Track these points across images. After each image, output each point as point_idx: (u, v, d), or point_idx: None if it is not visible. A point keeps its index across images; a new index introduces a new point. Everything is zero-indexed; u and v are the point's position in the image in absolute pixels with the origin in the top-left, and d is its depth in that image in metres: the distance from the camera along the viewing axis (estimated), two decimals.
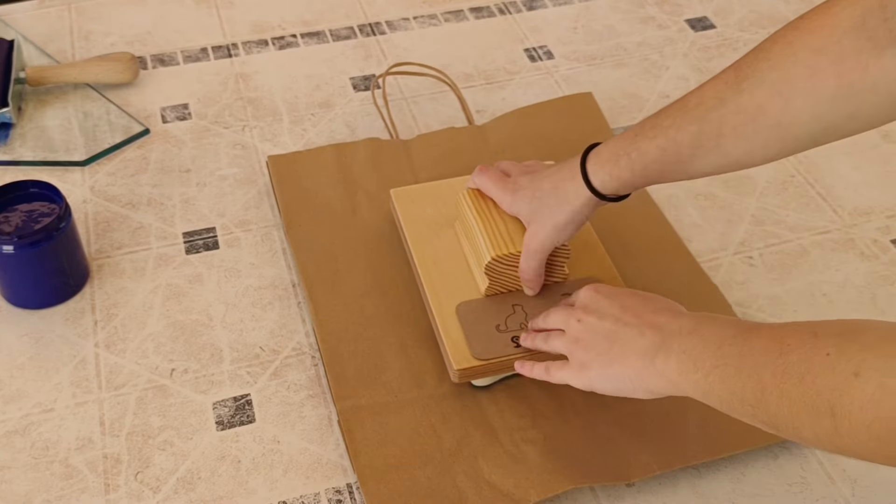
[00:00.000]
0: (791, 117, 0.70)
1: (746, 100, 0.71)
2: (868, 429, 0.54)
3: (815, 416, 0.56)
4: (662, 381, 0.69)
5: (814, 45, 0.68)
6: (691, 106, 0.74)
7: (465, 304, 0.87)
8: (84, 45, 1.23)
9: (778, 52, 0.70)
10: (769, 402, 0.60)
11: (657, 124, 0.76)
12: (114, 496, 0.78)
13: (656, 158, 0.75)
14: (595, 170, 0.79)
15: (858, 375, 0.54)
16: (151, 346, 0.89)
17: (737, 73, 0.72)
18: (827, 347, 0.57)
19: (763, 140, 0.72)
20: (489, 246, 0.86)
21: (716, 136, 0.73)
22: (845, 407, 0.54)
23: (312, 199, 1.01)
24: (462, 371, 0.82)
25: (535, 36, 1.27)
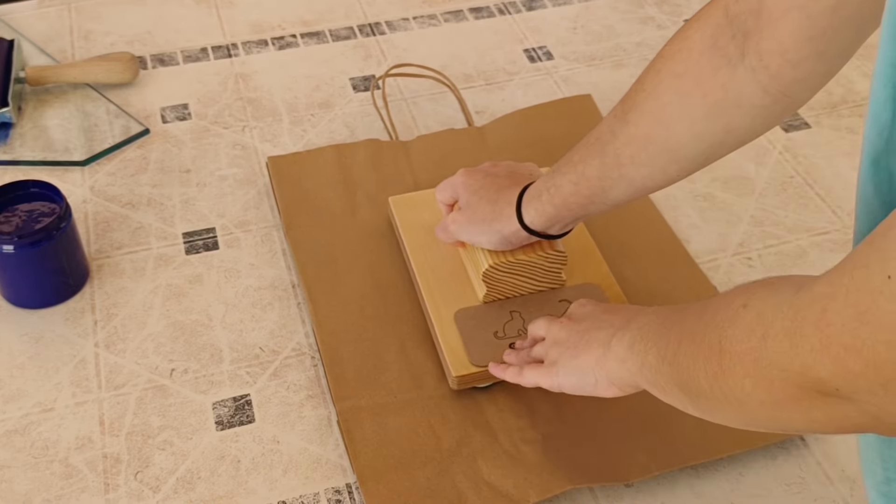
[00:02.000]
0: (675, 141, 0.73)
1: (633, 130, 0.75)
2: (741, 363, 0.53)
3: (709, 354, 0.56)
4: (614, 362, 0.70)
5: (677, 71, 0.71)
6: (592, 141, 0.78)
7: (464, 310, 0.87)
8: (84, 45, 1.23)
9: (649, 81, 0.74)
10: (680, 353, 0.60)
11: (569, 160, 0.80)
12: (113, 496, 0.78)
13: (572, 192, 0.79)
14: (525, 205, 0.83)
15: (746, 307, 0.54)
16: (151, 346, 0.89)
17: (623, 106, 0.76)
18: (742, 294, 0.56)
19: (659, 165, 0.75)
20: (487, 253, 0.87)
21: (617, 167, 0.76)
22: (728, 339, 0.54)
23: (312, 200, 1.01)
24: (461, 378, 0.83)
25: (534, 36, 1.28)
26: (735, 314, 0.55)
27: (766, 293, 0.54)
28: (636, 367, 0.67)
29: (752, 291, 0.55)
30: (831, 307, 0.47)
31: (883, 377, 0.45)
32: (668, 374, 0.62)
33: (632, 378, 0.69)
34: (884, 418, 0.47)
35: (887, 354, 0.44)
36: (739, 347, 0.53)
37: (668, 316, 0.66)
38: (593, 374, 0.72)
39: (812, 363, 0.48)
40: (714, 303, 0.59)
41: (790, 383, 0.50)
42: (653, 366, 0.64)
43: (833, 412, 0.49)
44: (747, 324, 0.53)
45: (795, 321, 0.49)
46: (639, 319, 0.70)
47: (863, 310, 0.45)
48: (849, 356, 0.46)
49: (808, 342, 0.48)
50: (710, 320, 0.57)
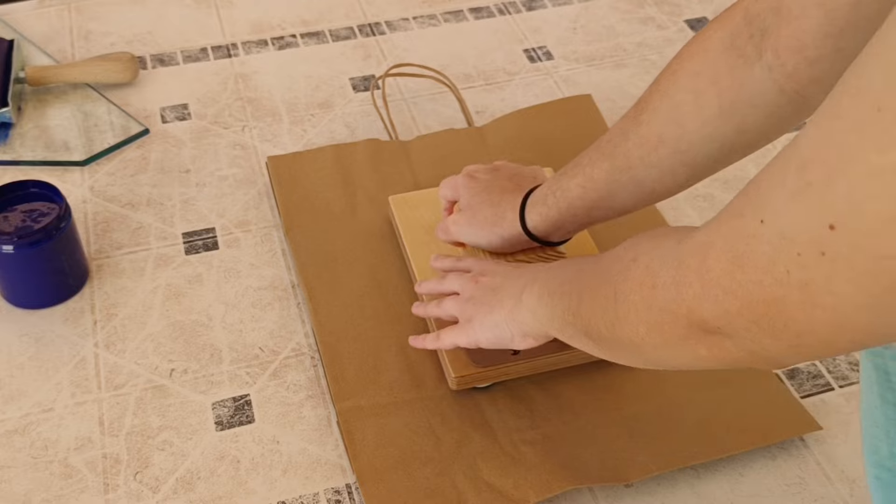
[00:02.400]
0: (687, 142, 0.73)
1: (645, 131, 0.75)
2: (636, 311, 0.58)
3: (605, 305, 0.61)
4: (526, 313, 0.73)
5: (693, 70, 0.72)
6: (603, 143, 0.79)
7: None
8: (84, 45, 1.23)
9: (665, 81, 0.74)
10: (582, 305, 0.65)
11: (577, 163, 0.80)
12: (113, 496, 0.78)
13: (579, 195, 0.79)
14: (530, 210, 0.83)
15: (635, 260, 0.59)
16: (151, 347, 0.89)
17: (636, 108, 0.77)
18: (631, 248, 0.61)
19: (669, 166, 0.75)
20: (486, 254, 0.87)
21: (626, 169, 0.77)
22: (623, 291, 0.59)
23: (312, 200, 1.01)
24: (460, 378, 0.83)
25: (534, 36, 1.28)
26: (626, 268, 0.60)
27: (651, 246, 0.59)
28: (546, 318, 0.71)
29: (639, 245, 0.60)
30: (711, 254, 0.51)
31: (755, 314, 0.48)
32: (574, 324, 0.66)
33: (543, 328, 0.72)
34: (759, 352, 0.51)
35: (759, 293, 0.48)
36: (633, 297, 0.58)
37: (571, 268, 0.70)
38: (508, 327, 0.75)
39: (696, 307, 0.52)
40: (607, 257, 0.64)
41: (678, 325, 0.55)
42: (560, 317, 0.68)
43: (716, 348, 0.54)
44: (638, 276, 0.58)
45: (680, 270, 0.54)
46: (544, 272, 0.73)
47: (739, 254, 0.49)
48: (727, 298, 0.50)
49: (692, 289, 0.53)
50: (605, 274, 0.62)
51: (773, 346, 0.50)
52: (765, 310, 0.48)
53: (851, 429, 0.84)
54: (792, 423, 0.83)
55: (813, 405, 0.86)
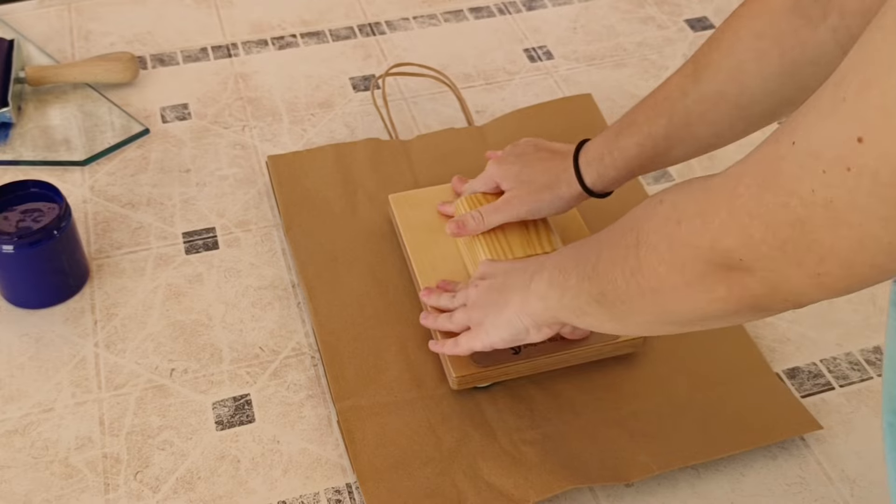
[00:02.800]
0: (748, 98, 0.75)
1: (706, 88, 0.76)
2: (657, 251, 0.58)
3: (626, 253, 0.61)
4: (537, 301, 0.73)
5: (756, 30, 0.73)
6: (660, 100, 0.80)
7: None
8: (84, 45, 1.23)
9: (726, 40, 0.76)
10: (600, 262, 0.64)
11: (633, 121, 0.81)
12: (113, 496, 0.78)
13: (636, 154, 0.81)
14: (586, 169, 0.84)
15: (662, 202, 0.59)
16: (151, 346, 0.89)
17: (695, 65, 0.78)
18: (658, 193, 0.61)
19: (728, 122, 0.77)
20: (487, 253, 0.87)
21: (685, 126, 0.78)
22: (645, 233, 0.59)
23: (312, 199, 1.01)
24: (461, 378, 0.83)
25: (534, 36, 1.27)
26: (652, 210, 0.60)
27: (678, 187, 0.59)
28: (556, 298, 0.71)
29: (666, 190, 0.61)
30: (742, 181, 0.51)
31: (780, 239, 0.49)
32: (587, 290, 0.66)
33: (554, 313, 0.72)
34: (780, 285, 0.51)
35: (784, 216, 0.48)
36: (655, 237, 0.58)
37: (585, 241, 0.70)
38: (520, 321, 0.75)
39: (720, 235, 0.53)
40: (632, 210, 0.64)
41: (699, 260, 0.55)
42: (573, 288, 0.68)
43: (736, 286, 0.54)
44: (663, 214, 0.58)
45: (708, 201, 0.54)
46: (553, 258, 0.73)
47: (768, 176, 0.49)
48: (752, 223, 0.50)
49: (718, 216, 0.53)
50: (628, 222, 0.63)
51: (795, 277, 0.50)
52: (789, 233, 0.48)
53: (852, 428, 0.84)
54: (792, 422, 0.83)
55: (813, 405, 0.86)
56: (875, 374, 0.88)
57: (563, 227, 0.94)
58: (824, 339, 0.91)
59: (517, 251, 0.87)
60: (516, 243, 0.88)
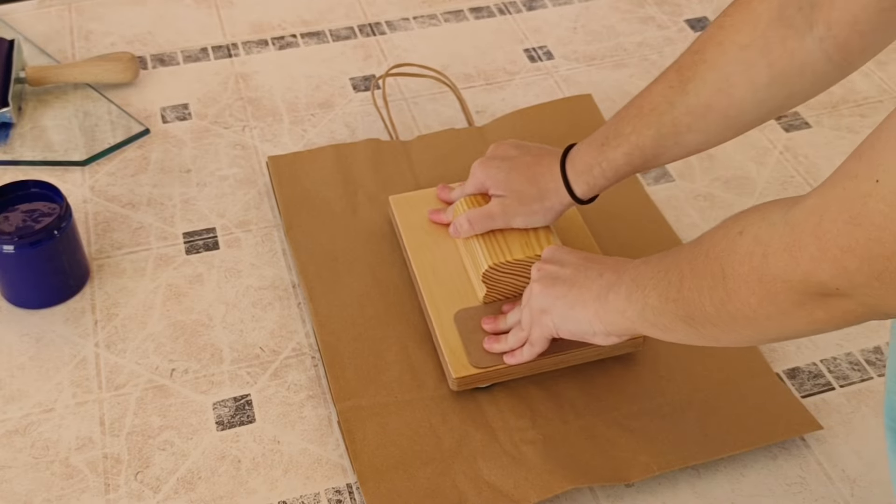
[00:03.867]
0: (736, 109, 0.76)
1: (693, 101, 0.77)
2: (746, 283, 0.58)
3: (713, 284, 0.61)
4: (614, 314, 0.73)
5: (742, 42, 0.74)
6: (646, 111, 0.80)
7: (464, 311, 0.87)
8: (84, 45, 1.23)
9: (711, 52, 0.76)
10: (684, 288, 0.64)
11: (619, 133, 0.81)
12: (114, 496, 0.78)
13: (625, 163, 0.82)
14: (576, 180, 0.85)
15: (742, 233, 0.59)
16: (152, 346, 0.89)
17: (679, 76, 0.78)
18: (735, 224, 0.61)
19: (716, 131, 0.78)
20: (486, 254, 0.87)
21: (674, 136, 0.79)
22: (731, 265, 0.60)
23: (312, 200, 1.01)
24: (460, 379, 0.83)
25: (534, 36, 1.27)
26: (733, 242, 0.60)
27: (757, 218, 0.59)
28: (636, 314, 0.71)
29: (744, 218, 0.60)
30: (826, 216, 0.52)
31: (876, 270, 0.50)
32: (673, 311, 0.66)
33: (632, 325, 0.72)
34: (880, 307, 0.53)
35: (879, 249, 0.50)
36: (742, 269, 0.58)
37: (661, 259, 0.70)
38: (591, 326, 0.76)
39: (813, 269, 0.53)
40: (709, 237, 0.64)
41: (793, 292, 0.55)
42: (655, 307, 0.68)
43: (834, 310, 0.55)
44: (746, 248, 0.58)
45: (793, 235, 0.55)
46: (630, 271, 0.73)
47: (855, 213, 0.50)
48: (846, 256, 0.51)
49: (807, 251, 0.54)
50: (710, 252, 0.62)
51: (893, 299, 0.51)
52: (885, 264, 0.50)
53: (852, 428, 0.84)
54: (793, 422, 0.83)
55: (814, 405, 0.86)
56: (875, 375, 0.88)
57: (564, 229, 0.94)
58: (824, 339, 0.91)
59: (517, 253, 0.87)
60: (516, 245, 0.88)
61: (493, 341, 0.84)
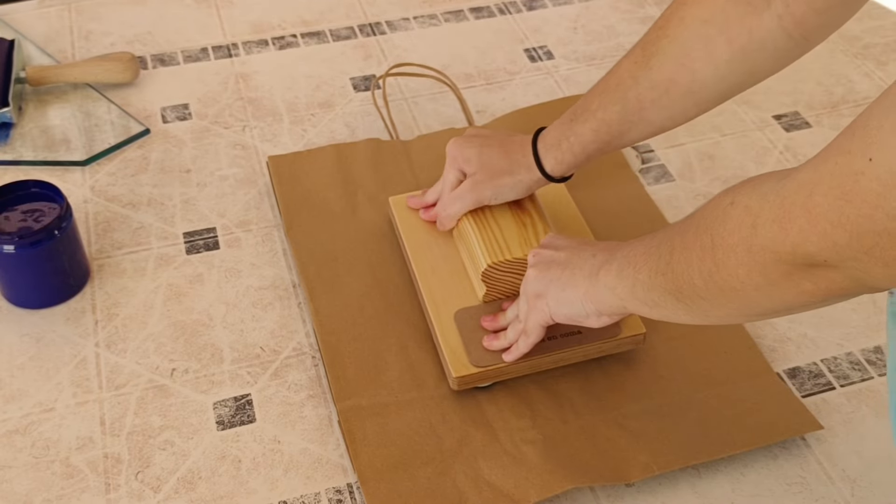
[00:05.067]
0: (699, 84, 0.76)
1: (656, 75, 0.78)
2: (735, 254, 0.58)
3: (702, 255, 0.61)
4: (605, 291, 0.73)
5: (702, 17, 0.74)
6: (612, 87, 0.81)
7: (464, 310, 0.87)
8: (84, 45, 1.23)
9: (673, 27, 0.77)
10: (673, 261, 0.64)
11: (587, 108, 0.83)
12: (114, 496, 0.78)
13: (592, 139, 0.82)
14: (544, 154, 0.86)
15: (733, 203, 0.59)
16: (152, 346, 0.89)
17: (643, 51, 0.79)
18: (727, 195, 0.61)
19: (680, 107, 0.79)
20: (485, 253, 0.87)
21: (638, 111, 0.79)
22: (720, 235, 0.59)
23: (312, 200, 1.01)
24: (461, 378, 0.83)
25: (535, 36, 1.28)
26: (724, 213, 0.60)
27: (749, 188, 0.59)
28: (626, 291, 0.71)
29: (735, 190, 0.60)
30: (817, 190, 0.52)
31: (865, 245, 0.51)
32: (662, 285, 0.66)
33: (621, 303, 0.72)
34: (866, 280, 0.53)
35: (869, 226, 0.50)
36: (731, 240, 0.58)
37: (653, 236, 0.70)
38: (583, 306, 0.76)
39: (801, 241, 0.54)
40: (701, 210, 0.64)
41: (781, 262, 0.56)
42: (645, 283, 0.68)
43: (821, 281, 0.55)
44: (736, 218, 0.58)
45: (783, 207, 0.55)
46: (623, 249, 0.73)
47: (847, 189, 0.50)
48: (835, 231, 0.51)
49: (797, 223, 0.54)
50: (700, 224, 0.62)
51: (882, 273, 0.52)
52: (875, 240, 0.50)
53: (853, 428, 0.84)
54: (793, 422, 0.83)
55: (814, 404, 0.86)
56: (876, 374, 0.88)
57: (564, 226, 0.94)
58: (825, 338, 0.91)
59: (516, 251, 0.87)
60: (515, 244, 0.88)
61: (492, 339, 0.84)
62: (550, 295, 0.78)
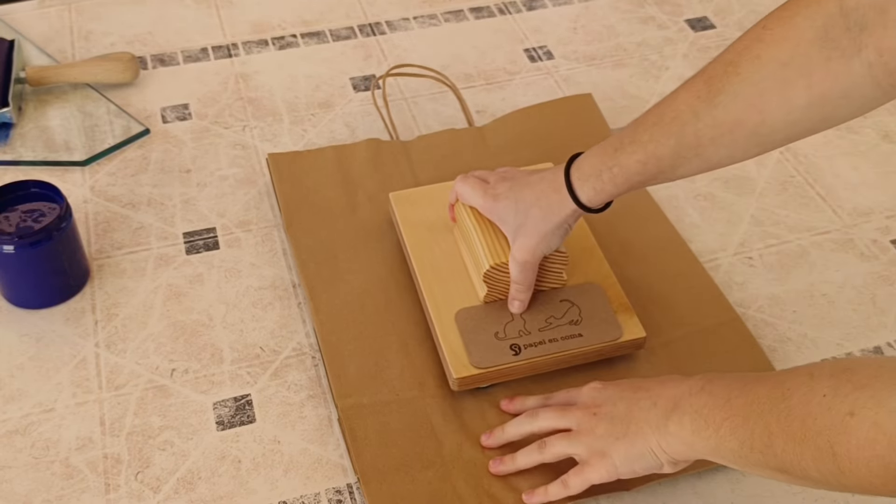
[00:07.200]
0: (768, 127, 0.71)
1: (721, 114, 0.72)
2: (868, 467, 0.56)
3: (819, 456, 0.59)
4: (680, 445, 0.70)
5: (781, 59, 0.68)
6: (667, 120, 0.75)
7: (465, 310, 0.87)
8: (84, 45, 1.23)
9: (747, 66, 0.70)
10: (776, 446, 0.62)
11: (635, 139, 0.77)
12: (114, 496, 0.78)
13: (638, 171, 0.77)
14: (580, 185, 0.80)
15: (853, 415, 0.57)
16: (152, 346, 0.89)
17: (708, 87, 0.72)
18: (823, 389, 0.59)
19: (742, 147, 0.73)
20: (487, 254, 0.86)
21: (695, 147, 0.74)
22: (844, 446, 0.57)
23: (312, 198, 1.01)
24: (461, 380, 0.83)
25: (535, 36, 1.27)
26: (843, 423, 0.57)
27: (869, 400, 0.56)
28: (709, 450, 0.68)
29: (849, 396, 0.57)
30: None
31: None
32: (761, 460, 0.64)
33: (702, 457, 0.70)
34: None
35: None
36: (862, 454, 0.56)
37: (727, 396, 0.67)
38: (656, 458, 0.72)
39: None
40: (797, 396, 0.61)
41: None
42: (735, 451, 0.65)
43: None
44: (865, 434, 0.56)
45: None
46: (687, 399, 0.70)
47: None
48: None
49: None
50: (807, 422, 0.60)
51: None
52: None
53: None
54: None
55: None
56: None
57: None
58: (825, 338, 0.91)
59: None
60: None
61: (498, 463, 0.79)
62: (618, 453, 0.73)
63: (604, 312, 0.87)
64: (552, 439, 0.77)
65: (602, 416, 0.75)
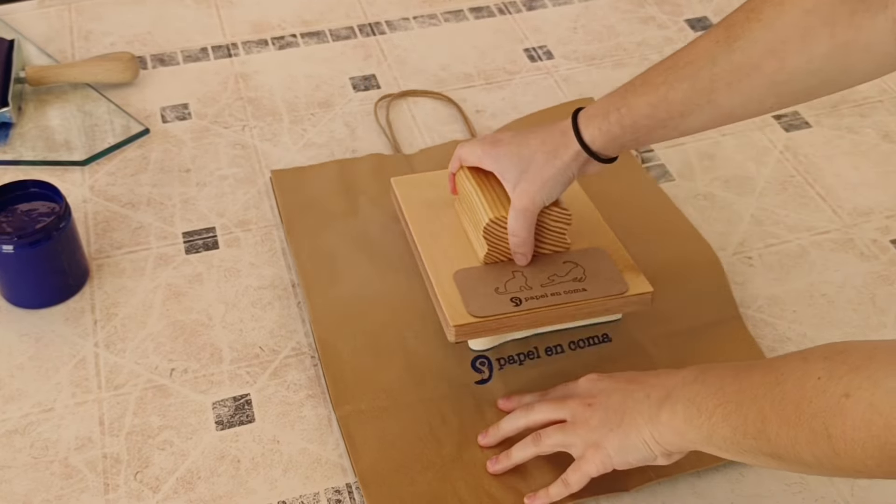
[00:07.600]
0: (786, 75, 0.70)
1: (739, 58, 0.71)
2: (863, 448, 0.56)
3: (814, 439, 0.58)
4: (672, 435, 0.70)
5: (805, 6, 0.68)
6: (682, 64, 0.74)
7: (464, 270, 0.86)
8: (84, 45, 1.23)
9: (769, 12, 0.70)
10: (770, 431, 0.61)
11: (648, 81, 0.76)
12: (113, 496, 0.78)
13: (647, 114, 0.76)
14: (585, 124, 0.79)
15: (849, 396, 0.56)
16: (151, 346, 0.89)
17: (728, 33, 0.72)
18: (817, 371, 0.59)
19: (758, 95, 0.72)
20: (487, 209, 0.85)
21: (708, 92, 0.73)
22: (839, 428, 0.56)
23: (314, 206, 1.01)
24: (459, 328, 0.81)
25: (534, 36, 1.27)
26: (839, 404, 0.57)
27: (865, 381, 0.56)
28: (701, 439, 0.67)
29: (844, 377, 0.57)
30: None
31: None
32: (754, 446, 0.63)
33: (696, 447, 0.69)
34: None
35: None
36: (858, 435, 0.56)
37: (720, 383, 0.66)
38: (649, 449, 0.72)
39: None
40: (792, 380, 0.60)
41: None
42: (728, 438, 0.65)
43: None
44: (860, 415, 0.55)
45: None
46: (680, 388, 0.69)
47: None
48: None
49: None
50: (801, 405, 0.59)
51: None
52: None
53: None
54: None
55: None
56: None
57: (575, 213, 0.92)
58: (824, 338, 0.91)
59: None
60: None
61: (494, 462, 0.79)
62: (612, 444, 0.73)
63: (609, 271, 0.86)
64: (547, 431, 0.77)
65: (597, 407, 0.75)
